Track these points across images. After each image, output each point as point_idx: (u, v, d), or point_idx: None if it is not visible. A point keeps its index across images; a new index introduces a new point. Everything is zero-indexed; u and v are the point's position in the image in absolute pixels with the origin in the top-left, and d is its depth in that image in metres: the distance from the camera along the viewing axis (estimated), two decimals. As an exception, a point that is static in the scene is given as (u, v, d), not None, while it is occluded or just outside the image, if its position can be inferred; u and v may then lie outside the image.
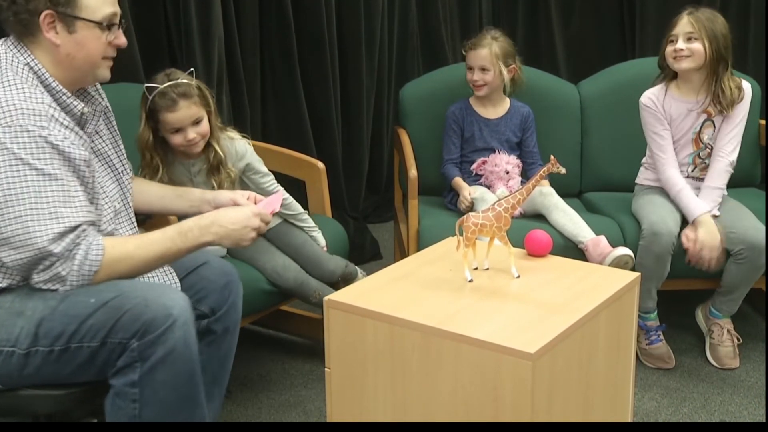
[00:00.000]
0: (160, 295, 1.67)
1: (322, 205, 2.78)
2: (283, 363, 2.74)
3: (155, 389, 1.66)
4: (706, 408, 2.43)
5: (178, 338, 1.65)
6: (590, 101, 3.14)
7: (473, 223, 1.78)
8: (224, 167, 2.37)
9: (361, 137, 3.89)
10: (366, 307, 1.68)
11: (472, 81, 2.86)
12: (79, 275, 1.67)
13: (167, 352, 1.64)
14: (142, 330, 1.63)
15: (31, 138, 1.63)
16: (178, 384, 1.68)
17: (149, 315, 1.63)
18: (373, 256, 3.70)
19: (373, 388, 1.69)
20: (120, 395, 1.67)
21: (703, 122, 2.70)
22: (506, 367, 1.50)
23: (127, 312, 1.64)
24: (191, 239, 1.78)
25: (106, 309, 1.64)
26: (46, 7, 1.69)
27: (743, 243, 2.52)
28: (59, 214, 1.64)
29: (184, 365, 1.67)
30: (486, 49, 2.81)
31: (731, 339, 2.69)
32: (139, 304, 1.64)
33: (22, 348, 1.66)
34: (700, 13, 2.63)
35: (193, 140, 2.29)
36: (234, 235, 1.82)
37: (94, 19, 1.74)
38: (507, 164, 2.82)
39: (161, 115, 2.26)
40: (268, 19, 3.44)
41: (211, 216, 1.83)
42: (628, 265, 2.49)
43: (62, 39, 1.73)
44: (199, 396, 1.73)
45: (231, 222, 1.81)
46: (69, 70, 1.76)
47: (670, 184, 2.67)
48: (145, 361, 1.64)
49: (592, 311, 1.66)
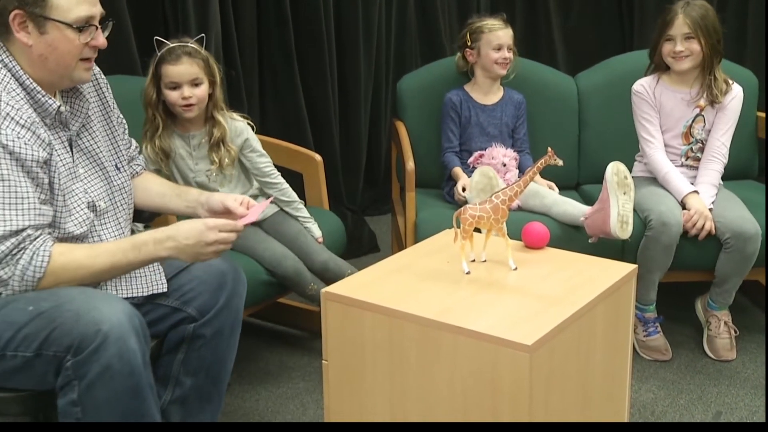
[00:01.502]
0: (93, 309, 1.60)
1: (320, 197, 2.78)
2: (281, 355, 2.75)
3: (97, 407, 1.60)
4: (703, 399, 2.44)
5: (112, 355, 1.57)
6: (588, 93, 3.15)
7: (471, 215, 1.78)
8: (224, 144, 2.40)
9: (359, 130, 3.89)
10: (364, 299, 1.68)
11: (502, 59, 2.87)
12: (22, 280, 1.63)
13: (102, 369, 1.58)
14: (74, 346, 1.58)
15: None
16: (121, 401, 1.61)
17: (79, 330, 1.58)
18: (370, 248, 3.71)
19: (371, 381, 1.70)
20: (64, 414, 1.62)
21: (695, 117, 2.73)
22: (504, 358, 1.51)
23: (59, 327, 1.59)
24: (145, 253, 1.73)
25: (40, 319, 1.60)
26: (14, 7, 1.67)
27: (730, 231, 2.54)
28: (2, 217, 1.61)
29: (124, 381, 1.60)
30: (510, 29, 2.89)
31: (728, 331, 2.70)
32: (70, 318, 1.59)
33: None
34: (693, 9, 2.66)
35: (189, 99, 2.32)
36: (189, 251, 1.74)
37: (66, 21, 1.69)
38: (504, 157, 2.82)
39: (163, 68, 2.32)
40: (266, 12, 3.43)
41: (166, 230, 1.75)
42: (628, 179, 2.38)
43: (34, 39, 1.69)
44: (149, 410, 1.66)
45: (184, 237, 1.73)
46: (43, 71, 1.73)
47: (658, 166, 2.72)
48: (81, 380, 1.59)
49: (590, 303, 1.67)
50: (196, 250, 1.74)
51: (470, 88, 2.95)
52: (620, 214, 2.37)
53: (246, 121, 2.50)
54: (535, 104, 3.02)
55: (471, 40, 2.90)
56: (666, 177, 2.69)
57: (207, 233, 1.73)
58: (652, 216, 2.57)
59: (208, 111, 2.40)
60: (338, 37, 3.72)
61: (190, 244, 1.73)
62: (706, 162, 2.73)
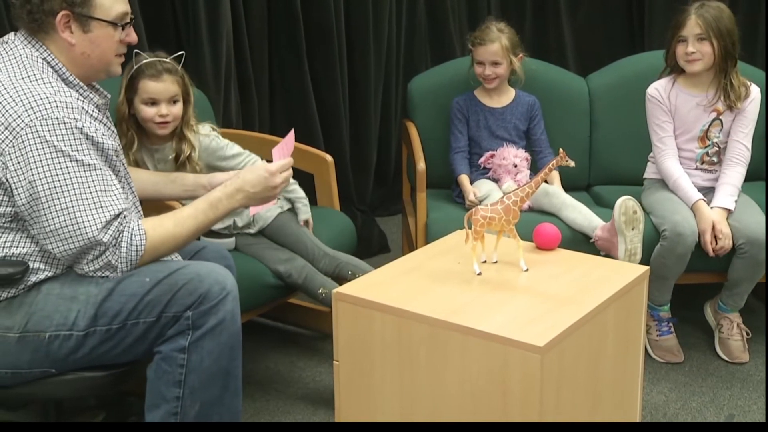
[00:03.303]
0: (212, 271, 1.77)
1: (331, 198, 2.78)
2: (291, 356, 2.75)
3: (202, 356, 1.74)
4: (715, 402, 2.43)
5: (228, 311, 1.74)
6: (599, 94, 3.13)
7: (482, 216, 1.78)
8: (190, 161, 2.37)
9: (369, 130, 3.89)
10: (374, 299, 1.68)
11: (483, 76, 2.85)
12: (127, 261, 1.74)
13: (218, 322, 1.73)
14: (198, 302, 1.72)
15: (68, 129, 1.68)
16: (222, 354, 1.75)
17: (205, 288, 1.73)
18: (380, 249, 3.70)
19: (381, 381, 1.69)
20: (167, 360, 1.75)
21: (712, 120, 2.70)
22: (514, 360, 1.50)
23: (183, 286, 1.73)
24: (221, 209, 1.87)
25: (162, 285, 1.73)
26: (62, 8, 1.73)
27: (744, 237, 2.52)
28: (103, 203, 1.70)
29: (230, 337, 1.76)
30: (496, 43, 2.80)
31: (741, 333, 2.68)
32: (194, 279, 1.74)
33: (79, 330, 1.72)
34: (707, 10, 2.61)
35: (166, 117, 2.30)
36: (257, 197, 1.91)
37: (108, 19, 1.78)
38: (515, 158, 2.82)
39: (143, 82, 2.27)
40: (276, 13, 3.44)
41: (235, 183, 1.89)
42: (637, 214, 2.42)
43: (77, 38, 1.76)
44: (238, 369, 1.81)
45: (252, 185, 1.89)
46: (83, 68, 1.80)
47: (669, 173, 2.69)
48: (196, 330, 1.73)
49: (601, 304, 1.66)
50: (263, 195, 1.91)
51: (478, 92, 2.94)
52: (628, 249, 2.43)
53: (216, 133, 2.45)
54: (546, 105, 3.00)
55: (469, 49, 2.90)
56: (676, 183, 2.67)
57: (271, 178, 1.90)
58: (666, 225, 2.54)
59: (178, 128, 2.36)
60: (348, 37, 3.72)
61: (258, 191, 1.90)
62: (729, 165, 2.68)
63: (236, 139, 2.90)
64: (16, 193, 1.68)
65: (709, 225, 2.53)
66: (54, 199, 1.67)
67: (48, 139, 1.66)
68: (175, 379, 1.74)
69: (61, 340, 1.72)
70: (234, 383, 1.81)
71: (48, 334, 1.72)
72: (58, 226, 1.68)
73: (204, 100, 2.84)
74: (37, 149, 1.66)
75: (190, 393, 1.75)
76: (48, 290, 1.74)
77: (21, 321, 1.72)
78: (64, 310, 1.72)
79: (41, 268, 1.75)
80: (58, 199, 1.67)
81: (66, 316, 1.72)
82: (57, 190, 1.66)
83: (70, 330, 1.72)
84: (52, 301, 1.73)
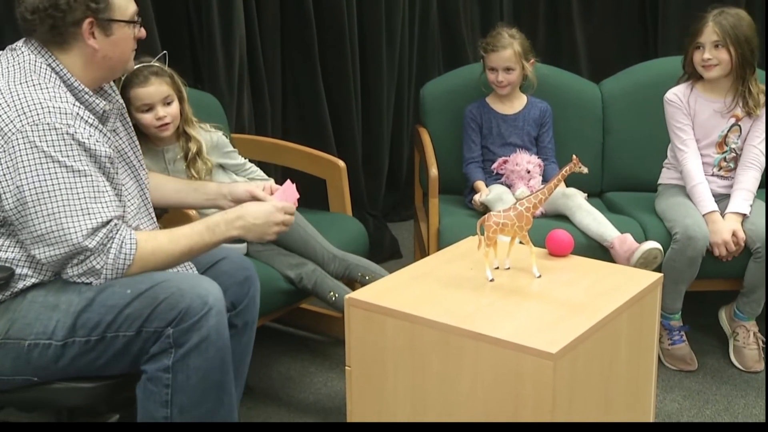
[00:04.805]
0: (195, 285, 1.72)
1: (343, 203, 2.78)
2: (303, 361, 2.75)
3: (188, 375, 1.70)
4: (729, 411, 2.41)
5: (212, 326, 1.70)
6: (612, 100, 3.12)
7: (494, 222, 1.78)
8: (201, 157, 2.39)
9: (381, 135, 3.89)
10: (386, 305, 1.68)
11: (496, 82, 2.85)
12: (114, 269, 1.70)
13: (201, 339, 1.69)
14: (178, 318, 1.68)
15: (59, 135, 1.66)
16: (210, 370, 1.72)
17: (185, 303, 1.68)
18: (392, 254, 3.70)
19: (393, 387, 1.69)
20: (153, 380, 1.71)
21: (731, 126, 2.69)
22: (527, 366, 1.50)
23: (163, 301, 1.68)
24: (218, 234, 1.84)
25: (142, 299, 1.69)
26: (86, 16, 1.73)
27: (760, 241, 2.51)
28: (91, 210, 1.68)
29: (216, 353, 1.71)
30: (509, 49, 2.80)
31: (757, 342, 2.66)
32: (174, 293, 1.69)
33: (58, 340, 1.69)
34: (725, 17, 2.60)
35: (164, 119, 2.31)
36: (256, 230, 1.87)
37: (125, 19, 1.79)
38: (528, 164, 2.81)
39: (132, 91, 2.28)
40: (289, 18, 3.45)
41: (236, 211, 1.87)
42: (657, 260, 2.48)
43: (100, 43, 1.77)
44: (229, 384, 1.78)
45: (254, 217, 1.86)
46: (102, 70, 1.81)
47: (690, 176, 2.67)
48: (179, 348, 1.69)
49: (614, 311, 1.65)
50: (263, 230, 1.87)
51: (491, 99, 2.94)
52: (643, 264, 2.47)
53: (221, 132, 2.50)
54: (559, 111, 3.00)
55: (481, 55, 2.89)
56: (694, 189, 2.64)
57: (276, 214, 1.88)
58: (677, 229, 2.53)
59: (180, 127, 2.38)
60: (361, 42, 3.73)
61: (258, 224, 1.86)
62: (744, 169, 2.67)
63: (249, 144, 2.92)
64: (4, 197, 1.66)
65: (719, 238, 2.52)
66: (41, 204, 1.65)
67: (38, 145, 1.64)
68: (162, 400, 1.71)
69: (41, 349, 1.69)
70: (228, 397, 1.78)
71: (27, 342, 1.69)
72: (45, 231, 1.66)
73: (217, 105, 2.85)
74: (27, 154, 1.64)
75: (179, 412, 1.71)
76: (33, 297, 1.72)
77: (3, 327, 1.70)
78: (45, 319, 1.70)
79: (28, 274, 1.73)
80: (45, 204, 1.65)
81: (46, 325, 1.69)
82: (44, 196, 1.65)
83: (49, 339, 1.69)
84: (34, 309, 1.71)
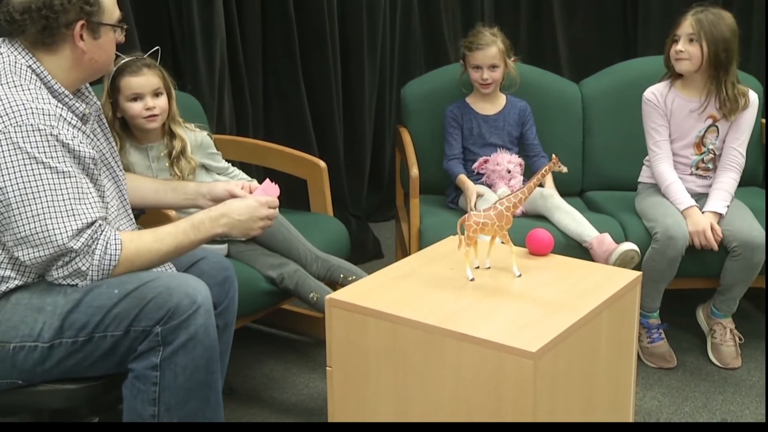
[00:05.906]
0: (183, 284, 1.72)
1: (324, 204, 2.78)
2: (286, 362, 2.74)
3: (176, 373, 1.70)
4: (708, 407, 2.43)
5: (200, 325, 1.70)
6: (592, 100, 3.14)
7: (475, 221, 1.78)
8: (185, 155, 2.39)
9: (363, 136, 3.90)
10: (368, 305, 1.68)
11: (480, 80, 2.86)
12: (99, 270, 1.70)
13: (189, 337, 1.69)
14: (166, 317, 1.68)
15: (43, 136, 1.65)
16: (197, 369, 1.72)
17: (174, 302, 1.68)
18: (374, 254, 3.70)
19: (375, 387, 1.69)
20: (140, 378, 1.71)
21: (708, 127, 2.71)
22: (508, 365, 1.50)
23: (151, 300, 1.68)
24: (203, 231, 1.84)
25: (130, 299, 1.69)
26: (79, 18, 1.73)
27: (737, 240, 2.53)
28: (75, 211, 1.67)
29: (204, 351, 1.72)
30: (494, 47, 2.82)
31: (734, 338, 2.69)
32: (163, 292, 1.69)
33: (44, 341, 1.69)
34: (705, 14, 2.60)
35: (153, 109, 2.31)
36: (241, 226, 1.88)
37: (112, 22, 1.80)
38: (509, 163, 2.82)
39: (124, 80, 2.29)
40: (270, 18, 3.44)
41: (220, 208, 1.88)
42: (634, 261, 2.50)
43: (88, 45, 1.77)
44: (216, 383, 1.78)
45: (238, 213, 1.87)
46: (85, 72, 1.81)
47: (662, 178, 2.70)
48: (167, 346, 1.69)
49: (594, 310, 1.66)
50: (248, 226, 1.89)
51: (471, 99, 2.95)
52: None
53: (206, 132, 2.50)
54: (540, 111, 3.01)
55: (462, 55, 2.90)
56: (668, 188, 2.67)
57: (260, 209, 1.89)
58: (658, 229, 2.55)
59: (166, 125, 2.38)
60: (343, 43, 3.73)
61: (242, 220, 1.88)
62: (723, 170, 2.69)
63: (230, 145, 2.91)
64: None
65: (697, 228, 2.54)
66: (25, 205, 1.64)
67: (21, 146, 1.63)
68: (150, 398, 1.70)
69: (27, 352, 1.69)
70: (214, 396, 1.78)
71: (13, 345, 1.69)
72: (29, 233, 1.64)
73: (198, 106, 2.84)
74: (10, 155, 1.63)
75: (167, 410, 1.71)
76: (17, 300, 1.71)
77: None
78: (31, 321, 1.69)
79: (12, 277, 1.71)
80: (30, 205, 1.64)
81: (32, 328, 1.69)
82: (28, 197, 1.63)
83: (35, 341, 1.68)
84: (19, 312, 1.70)
